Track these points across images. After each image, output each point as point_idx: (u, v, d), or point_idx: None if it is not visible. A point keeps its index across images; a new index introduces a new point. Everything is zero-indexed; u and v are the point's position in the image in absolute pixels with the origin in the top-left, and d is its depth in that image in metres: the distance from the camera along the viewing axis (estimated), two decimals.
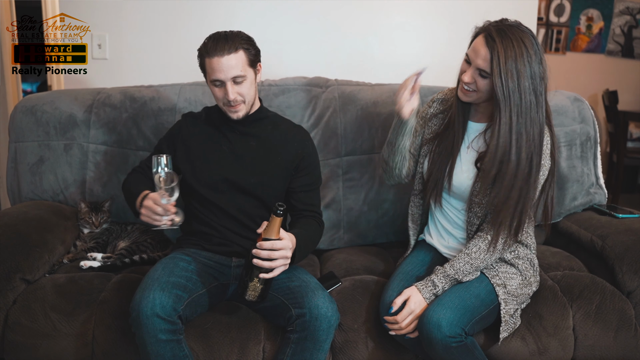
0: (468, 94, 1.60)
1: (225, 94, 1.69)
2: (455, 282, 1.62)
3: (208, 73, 1.69)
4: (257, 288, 1.52)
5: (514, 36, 1.50)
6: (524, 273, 1.68)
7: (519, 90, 1.50)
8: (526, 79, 1.50)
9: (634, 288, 1.77)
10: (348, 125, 2.19)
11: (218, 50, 1.64)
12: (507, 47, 1.49)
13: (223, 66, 1.64)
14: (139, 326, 1.47)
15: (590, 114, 2.26)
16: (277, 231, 1.50)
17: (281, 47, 2.50)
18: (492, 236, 1.61)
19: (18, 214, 1.93)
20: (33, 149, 2.14)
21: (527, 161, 1.55)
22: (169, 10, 2.48)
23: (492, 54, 1.50)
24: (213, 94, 1.72)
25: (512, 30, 1.51)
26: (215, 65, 1.65)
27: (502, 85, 1.49)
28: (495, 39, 1.50)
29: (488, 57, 1.51)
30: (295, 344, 1.55)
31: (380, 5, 2.55)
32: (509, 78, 1.49)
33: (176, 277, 1.58)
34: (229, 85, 1.67)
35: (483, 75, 1.54)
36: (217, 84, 1.68)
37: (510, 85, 1.49)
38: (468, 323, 1.54)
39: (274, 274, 1.52)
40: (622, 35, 5.26)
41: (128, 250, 1.97)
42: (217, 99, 1.73)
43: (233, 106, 1.71)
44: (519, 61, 1.49)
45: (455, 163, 1.69)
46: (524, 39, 1.51)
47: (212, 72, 1.66)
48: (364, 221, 2.18)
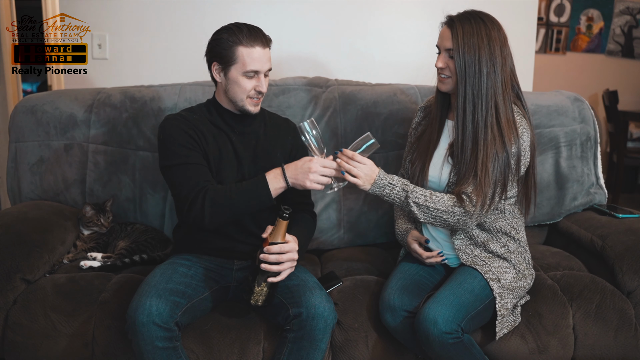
0: (444, 81, 1.68)
1: (257, 85, 1.65)
2: (404, 196, 1.62)
3: (242, 63, 1.62)
4: (264, 292, 1.53)
5: (472, 16, 1.63)
6: (517, 266, 1.70)
7: (477, 63, 1.59)
8: (484, 53, 1.59)
9: (634, 288, 1.77)
10: (348, 125, 2.19)
11: (258, 40, 1.62)
12: (465, 24, 1.61)
13: (263, 57, 1.63)
14: (136, 333, 1.46)
15: (591, 114, 2.27)
16: (283, 235, 1.51)
17: (281, 47, 2.50)
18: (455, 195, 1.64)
19: (18, 214, 1.93)
20: (33, 149, 2.14)
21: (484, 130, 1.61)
22: (169, 10, 2.48)
23: (452, 32, 1.62)
24: (239, 85, 1.64)
25: (471, 13, 1.64)
26: (257, 55, 1.62)
27: (459, 57, 1.60)
28: (454, 20, 1.63)
29: (450, 36, 1.62)
30: (292, 343, 1.55)
31: (381, 5, 2.55)
32: (466, 52, 1.59)
33: (174, 283, 1.56)
34: (263, 77, 1.65)
35: (451, 55, 1.63)
36: (251, 74, 1.64)
37: (467, 58, 1.60)
38: (464, 319, 1.55)
39: (282, 277, 1.52)
40: (622, 35, 5.26)
41: (128, 250, 1.97)
42: (243, 90, 1.65)
43: (259, 99, 1.69)
44: (477, 36, 1.59)
45: (431, 159, 1.74)
46: (483, 17, 1.63)
47: (250, 62, 1.62)
48: (364, 221, 2.18)
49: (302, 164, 1.56)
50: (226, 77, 1.66)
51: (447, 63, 1.64)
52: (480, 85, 1.60)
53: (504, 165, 1.62)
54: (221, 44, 1.63)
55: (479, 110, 1.61)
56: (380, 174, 1.62)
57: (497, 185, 1.62)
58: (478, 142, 1.62)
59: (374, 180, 1.61)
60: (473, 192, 1.61)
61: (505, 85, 1.63)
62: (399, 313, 1.63)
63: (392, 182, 1.62)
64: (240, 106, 1.69)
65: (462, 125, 1.63)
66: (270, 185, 1.57)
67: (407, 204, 1.63)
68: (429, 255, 1.73)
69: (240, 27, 1.64)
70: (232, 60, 1.63)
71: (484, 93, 1.61)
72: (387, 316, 1.64)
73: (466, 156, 1.64)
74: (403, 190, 1.62)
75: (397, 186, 1.62)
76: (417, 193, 1.63)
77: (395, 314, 1.63)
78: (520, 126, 1.65)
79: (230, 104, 1.71)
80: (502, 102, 1.62)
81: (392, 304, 1.63)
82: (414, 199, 1.62)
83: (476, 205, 1.60)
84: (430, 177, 1.74)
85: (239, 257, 1.74)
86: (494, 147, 1.61)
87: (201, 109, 1.76)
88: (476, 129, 1.62)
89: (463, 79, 1.61)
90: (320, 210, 2.15)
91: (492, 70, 1.60)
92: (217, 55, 1.65)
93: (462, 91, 1.62)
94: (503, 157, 1.61)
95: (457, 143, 1.66)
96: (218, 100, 1.74)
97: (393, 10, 2.56)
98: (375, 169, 1.62)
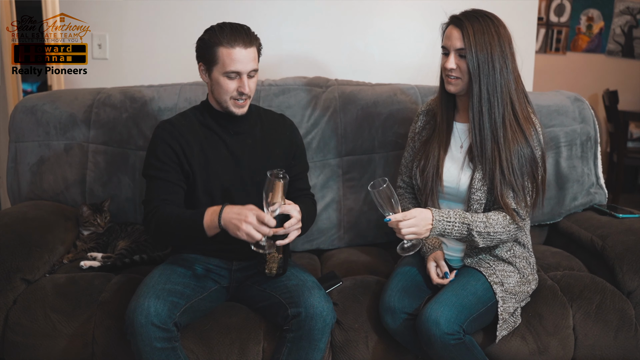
0: (454, 82, 1.64)
1: (239, 86, 1.62)
2: (466, 230, 1.57)
3: (222, 64, 1.60)
4: (276, 259, 1.52)
5: (478, 14, 1.61)
6: (522, 271, 1.69)
7: (490, 61, 1.58)
8: (496, 50, 1.58)
9: (634, 288, 1.77)
10: (348, 125, 2.19)
11: (239, 40, 1.59)
12: (474, 22, 1.59)
13: (244, 58, 1.59)
14: (134, 334, 1.46)
15: (591, 114, 2.26)
16: (282, 196, 1.47)
17: (281, 47, 2.50)
18: (504, 211, 1.61)
19: (18, 214, 1.93)
20: (33, 149, 2.14)
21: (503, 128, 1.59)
22: (169, 10, 2.48)
23: (463, 32, 1.59)
24: (221, 86, 1.63)
25: (476, 12, 1.62)
26: (237, 56, 1.58)
27: (472, 57, 1.58)
28: (462, 19, 1.60)
29: (460, 36, 1.59)
30: (291, 343, 1.55)
31: (381, 5, 2.54)
32: (479, 50, 1.57)
33: (172, 284, 1.56)
34: (245, 78, 1.62)
35: (462, 55, 1.60)
36: (233, 76, 1.61)
37: (480, 57, 1.57)
38: (466, 320, 1.55)
39: (290, 239, 1.51)
40: (622, 35, 5.26)
41: (128, 250, 1.97)
42: (225, 91, 1.63)
43: (243, 101, 1.65)
44: (487, 33, 1.58)
45: (444, 164, 1.71)
46: (489, 15, 1.61)
47: (230, 63, 1.59)
48: (364, 221, 2.18)
49: (241, 210, 1.46)
50: (210, 77, 1.66)
51: (458, 64, 1.61)
52: (494, 83, 1.58)
53: (530, 160, 1.60)
54: (203, 45, 1.63)
55: (495, 108, 1.59)
56: (435, 217, 1.56)
57: (527, 183, 1.60)
58: (499, 141, 1.60)
59: (432, 226, 1.56)
60: (517, 203, 1.59)
61: (517, 80, 1.62)
62: (399, 315, 1.62)
63: (449, 219, 1.57)
64: (225, 107, 1.67)
65: (479, 125, 1.61)
66: (206, 222, 1.50)
67: (471, 235, 1.58)
68: (440, 282, 1.68)
69: (223, 27, 1.62)
70: (213, 61, 1.61)
71: (499, 90, 1.59)
72: (387, 318, 1.64)
73: (487, 157, 1.61)
74: (463, 224, 1.57)
75: (456, 222, 1.57)
76: (477, 222, 1.58)
77: (395, 316, 1.63)
78: (537, 121, 1.64)
79: (218, 104, 1.71)
80: (516, 97, 1.61)
81: (392, 306, 1.63)
82: (476, 228, 1.58)
83: (525, 217, 1.60)
84: (445, 182, 1.70)
85: (238, 258, 1.73)
86: (516, 143, 1.60)
87: (194, 112, 1.76)
88: (494, 127, 1.60)
89: (477, 78, 1.58)
90: (320, 210, 2.15)
91: (505, 66, 1.59)
92: (201, 56, 1.66)
93: (477, 90, 1.59)
94: (527, 152, 1.60)
95: (476, 145, 1.63)
96: (210, 101, 1.74)
97: (393, 10, 2.56)
98: (426, 215, 1.55)
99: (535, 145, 1.62)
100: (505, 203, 1.60)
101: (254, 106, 1.81)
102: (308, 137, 2.18)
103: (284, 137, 1.80)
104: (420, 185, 1.75)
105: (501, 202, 1.61)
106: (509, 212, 1.60)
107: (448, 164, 1.71)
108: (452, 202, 1.72)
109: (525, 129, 1.60)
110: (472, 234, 1.58)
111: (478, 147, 1.63)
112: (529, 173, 1.61)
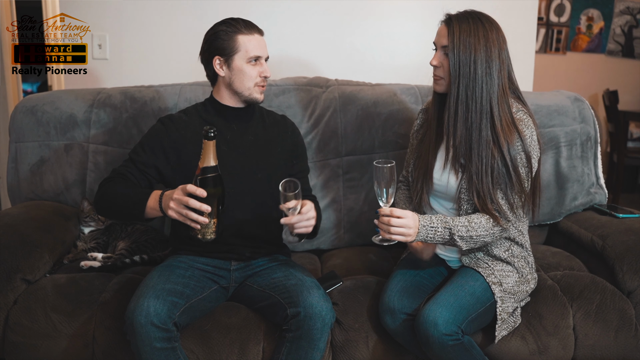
0: (438, 81, 1.64)
1: (262, 71, 1.70)
2: (448, 234, 1.57)
3: (245, 50, 1.68)
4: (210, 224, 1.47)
5: (470, 16, 1.59)
6: (520, 270, 1.69)
7: (472, 63, 1.55)
8: (480, 54, 1.55)
9: (634, 288, 1.77)
10: (348, 125, 2.19)
11: (255, 28, 1.71)
12: (462, 22, 1.57)
13: (262, 43, 1.71)
14: (134, 334, 1.46)
15: (591, 114, 2.26)
16: (214, 157, 1.43)
17: (281, 47, 2.50)
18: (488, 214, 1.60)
19: (18, 214, 1.94)
20: (33, 149, 2.14)
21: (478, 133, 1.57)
22: (169, 10, 2.48)
23: (449, 30, 1.58)
24: (245, 73, 1.69)
25: (470, 13, 1.60)
26: (256, 42, 1.69)
27: (454, 56, 1.56)
28: (452, 18, 1.60)
29: (446, 33, 1.58)
30: (291, 342, 1.55)
31: (381, 5, 2.55)
32: (461, 51, 1.55)
33: (172, 283, 1.57)
34: (265, 63, 1.72)
35: (447, 53, 1.59)
36: (254, 61, 1.70)
37: (462, 57, 1.55)
38: (464, 321, 1.54)
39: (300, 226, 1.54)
40: (622, 35, 5.26)
41: (128, 250, 1.97)
42: (249, 78, 1.70)
43: (264, 86, 1.73)
44: (473, 35, 1.56)
45: (434, 163, 1.71)
46: (482, 18, 1.59)
47: (252, 48, 1.68)
48: (364, 221, 2.18)
49: (174, 190, 1.49)
50: (230, 68, 1.70)
51: (442, 61, 1.60)
52: (474, 87, 1.56)
53: (507, 167, 1.57)
54: (220, 37, 1.69)
55: (471, 112, 1.57)
56: (421, 222, 1.55)
57: (507, 188, 1.58)
58: (472, 146, 1.58)
59: (418, 230, 1.56)
60: (498, 207, 1.58)
61: (504, 89, 1.58)
62: (399, 316, 1.62)
63: (432, 224, 1.56)
64: (247, 95, 1.72)
65: (453, 128, 1.59)
66: (150, 201, 1.55)
67: (453, 239, 1.58)
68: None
69: (234, 19, 1.72)
70: (234, 49, 1.68)
71: (478, 96, 1.56)
72: (387, 318, 1.64)
73: (460, 159, 1.61)
74: (445, 228, 1.57)
75: (438, 228, 1.56)
76: (459, 226, 1.57)
77: (395, 317, 1.62)
78: (522, 123, 1.60)
79: (233, 97, 1.74)
80: (497, 106, 1.57)
81: (391, 307, 1.63)
82: (458, 233, 1.57)
83: (510, 218, 1.59)
84: (435, 181, 1.71)
85: (236, 259, 1.74)
86: (490, 149, 1.57)
87: (197, 108, 1.80)
88: (469, 131, 1.58)
89: (456, 79, 1.57)
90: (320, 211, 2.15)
91: (488, 73, 1.56)
92: (218, 48, 1.69)
93: (455, 91, 1.57)
94: (504, 158, 1.57)
95: (451, 147, 1.63)
96: (217, 97, 1.76)
97: (393, 10, 2.56)
98: (415, 220, 1.54)
99: (519, 151, 1.58)
100: (485, 206, 1.59)
101: (257, 105, 1.83)
102: (308, 137, 2.18)
103: (285, 137, 1.81)
104: (413, 182, 1.76)
105: (478, 205, 1.60)
106: (491, 215, 1.59)
107: (438, 163, 1.71)
108: (442, 200, 1.73)
109: (501, 138, 1.56)
110: (454, 238, 1.57)
111: (452, 149, 1.62)
112: (507, 179, 1.58)
